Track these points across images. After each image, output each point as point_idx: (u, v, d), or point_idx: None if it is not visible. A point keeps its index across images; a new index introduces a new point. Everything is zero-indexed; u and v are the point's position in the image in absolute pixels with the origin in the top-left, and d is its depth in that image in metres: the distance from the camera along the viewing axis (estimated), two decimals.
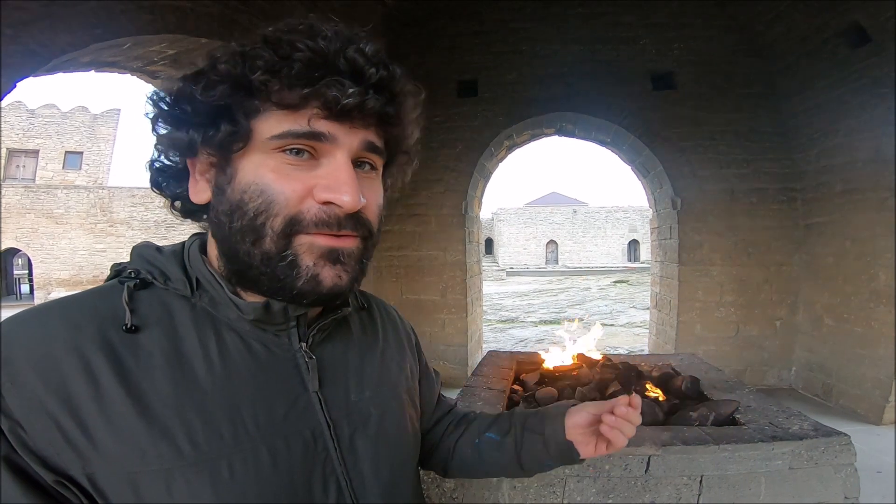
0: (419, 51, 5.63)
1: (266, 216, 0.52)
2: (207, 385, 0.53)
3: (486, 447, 0.84)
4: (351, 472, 0.60)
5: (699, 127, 5.40)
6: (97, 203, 17.22)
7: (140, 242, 0.62)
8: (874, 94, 4.13)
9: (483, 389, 2.59)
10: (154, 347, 0.52)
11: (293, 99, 0.52)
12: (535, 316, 11.81)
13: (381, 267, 5.83)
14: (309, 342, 0.61)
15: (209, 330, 0.56)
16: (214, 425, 0.52)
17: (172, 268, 0.58)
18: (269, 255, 0.53)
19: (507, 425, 0.85)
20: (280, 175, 0.53)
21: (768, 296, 5.38)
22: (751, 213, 5.35)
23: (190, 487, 0.49)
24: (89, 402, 0.48)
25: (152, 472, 0.48)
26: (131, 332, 0.52)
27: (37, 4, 2.42)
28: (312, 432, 0.58)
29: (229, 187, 0.55)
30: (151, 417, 0.49)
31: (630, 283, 20.11)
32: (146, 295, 0.56)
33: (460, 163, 5.72)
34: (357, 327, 0.72)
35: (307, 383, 0.60)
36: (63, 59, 2.63)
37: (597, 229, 31.70)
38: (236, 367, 0.56)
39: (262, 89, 0.51)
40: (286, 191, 0.52)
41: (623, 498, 1.83)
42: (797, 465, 1.83)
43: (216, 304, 0.57)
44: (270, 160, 0.53)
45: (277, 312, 0.57)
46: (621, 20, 5.50)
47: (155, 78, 3.69)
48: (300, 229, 0.53)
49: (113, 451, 0.48)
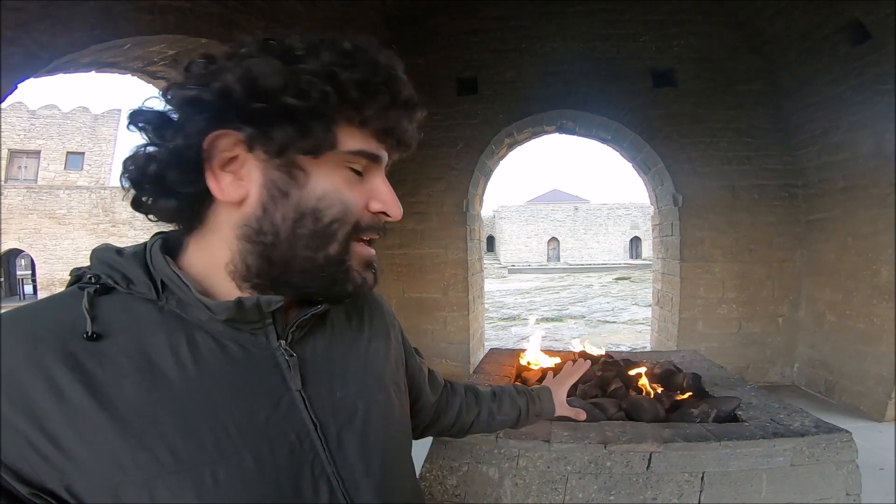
0: (418, 49, 5.63)
1: (340, 223, 0.57)
2: (181, 390, 0.51)
3: (498, 425, 1.09)
4: (341, 470, 0.59)
5: (700, 124, 5.39)
6: (99, 203, 17.27)
7: (99, 245, 0.59)
8: (875, 91, 4.12)
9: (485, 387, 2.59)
10: (120, 355, 0.50)
11: (366, 118, 0.56)
12: (537, 313, 11.80)
13: (383, 265, 5.81)
14: (288, 339, 0.59)
15: (179, 333, 0.53)
16: (194, 433, 0.50)
17: (135, 270, 0.55)
18: (330, 259, 0.57)
19: (517, 412, 1.10)
20: (350, 186, 0.58)
21: (770, 292, 5.38)
22: (752, 209, 5.34)
23: (173, 495, 0.48)
24: (58, 417, 0.46)
25: (133, 481, 0.47)
26: (94, 340, 0.49)
27: (37, 6, 2.42)
28: (298, 434, 0.56)
29: (298, 192, 0.54)
30: (125, 428, 0.47)
31: (632, 279, 20.11)
32: (108, 300, 0.53)
33: (461, 161, 5.72)
34: (341, 318, 0.70)
35: (289, 382, 0.58)
36: (63, 60, 2.63)
37: (598, 226, 31.68)
38: (211, 370, 0.53)
39: (351, 104, 0.54)
40: (356, 199, 0.58)
41: (625, 495, 1.83)
42: (799, 461, 1.84)
43: (185, 306, 0.54)
44: (342, 171, 0.57)
45: (250, 310, 0.55)
46: (621, 17, 5.50)
47: (155, 78, 3.69)
48: (358, 235, 0.59)
49: (89, 463, 0.46)
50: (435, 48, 5.69)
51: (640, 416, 2.19)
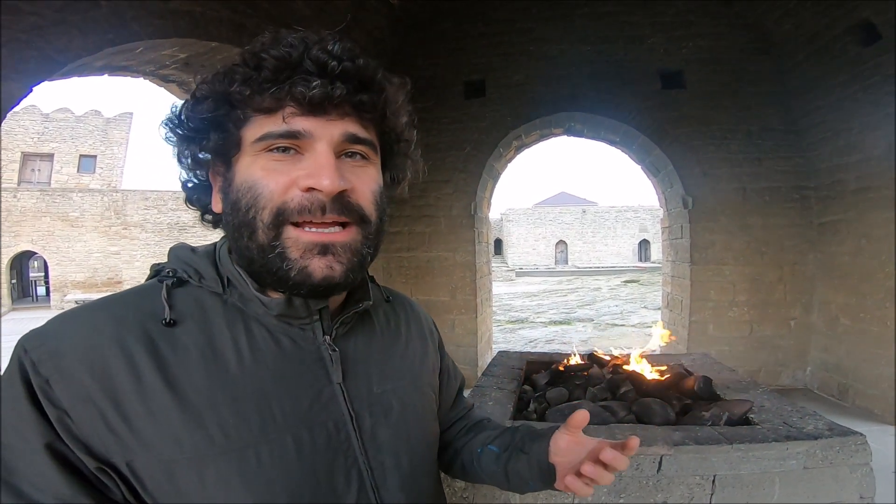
0: (426, 52, 5.65)
1: (255, 209, 0.56)
2: (238, 376, 0.56)
3: (486, 457, 0.84)
4: (372, 462, 0.62)
5: (709, 126, 5.35)
6: (111, 206, 17.46)
7: (177, 244, 0.67)
8: (886, 92, 4.06)
9: (494, 390, 2.59)
10: (189, 341, 0.56)
11: (268, 102, 0.56)
12: (544, 316, 11.77)
13: (391, 268, 5.85)
14: (333, 335, 0.64)
15: (239, 325, 0.59)
16: (243, 415, 0.54)
17: (206, 267, 0.62)
18: (262, 247, 0.57)
19: (509, 440, 0.83)
20: (267, 171, 0.57)
21: (782, 295, 5.32)
22: (763, 211, 5.29)
23: (220, 475, 0.52)
24: (131, 393, 0.51)
25: (186, 459, 0.51)
26: (170, 326, 0.56)
27: (51, 11, 2.45)
28: (335, 423, 0.60)
29: (229, 190, 0.60)
30: (187, 407, 0.52)
31: (641, 282, 19.98)
32: (182, 292, 0.60)
33: (469, 163, 5.72)
34: (381, 320, 0.74)
35: (331, 375, 0.62)
36: (77, 63, 2.66)
37: (607, 229, 31.52)
38: (264, 360, 0.59)
39: (240, 99, 0.57)
40: (271, 184, 0.56)
41: (635, 498, 1.82)
42: (812, 464, 1.81)
43: (245, 301, 0.61)
44: (259, 160, 0.57)
45: (299, 307, 0.61)
46: (629, 19, 5.48)
47: (167, 82, 3.74)
48: (286, 218, 0.56)
49: (152, 439, 0.51)
50: (443, 51, 5.70)
51: (650, 418, 2.18)
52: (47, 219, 16.86)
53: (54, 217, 16.94)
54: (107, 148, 20.35)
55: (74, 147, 19.92)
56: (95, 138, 20.21)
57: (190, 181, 0.65)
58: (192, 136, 0.61)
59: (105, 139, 20.34)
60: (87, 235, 17.14)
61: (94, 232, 17.22)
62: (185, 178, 0.65)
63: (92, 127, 20.20)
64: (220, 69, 0.59)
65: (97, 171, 20.05)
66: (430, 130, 5.54)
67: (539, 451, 0.76)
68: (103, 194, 17.73)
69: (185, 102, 0.61)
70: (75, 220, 17.09)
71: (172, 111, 0.62)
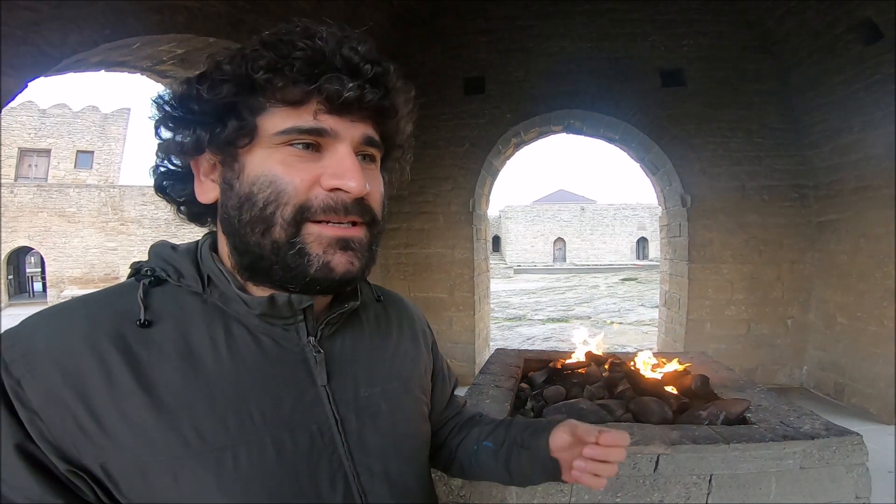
0: (426, 49, 5.62)
1: (276, 205, 0.55)
2: (215, 377, 0.54)
3: (483, 454, 0.84)
4: (359, 466, 0.61)
5: (709, 124, 5.35)
6: (108, 202, 17.41)
7: (157, 241, 0.64)
8: (887, 91, 4.06)
9: (491, 387, 2.59)
10: (165, 341, 0.54)
11: (296, 95, 0.54)
12: (542, 314, 11.78)
13: (389, 265, 5.84)
14: (318, 336, 0.62)
15: (219, 324, 0.58)
16: (220, 416, 0.53)
17: (185, 265, 0.60)
18: (278, 244, 0.55)
19: (504, 435, 0.83)
20: (288, 166, 0.55)
21: (780, 294, 5.33)
22: (762, 210, 5.29)
23: (195, 477, 0.51)
24: (104, 394, 0.50)
25: (161, 462, 0.50)
26: (145, 326, 0.54)
27: (47, 6, 2.43)
28: (319, 426, 0.59)
29: (238, 182, 0.57)
30: (161, 409, 0.51)
31: (639, 280, 20.00)
32: (160, 291, 0.58)
33: (468, 160, 5.71)
34: (370, 320, 0.72)
35: (315, 377, 0.61)
36: (73, 59, 2.64)
37: (605, 227, 31.53)
38: (244, 360, 0.57)
39: (265, 87, 0.54)
40: (295, 180, 0.55)
41: (632, 497, 1.82)
42: (808, 464, 1.82)
43: (226, 300, 0.59)
44: (277, 153, 0.55)
45: (282, 306, 0.58)
46: (629, 17, 5.46)
47: (164, 77, 3.71)
48: (309, 217, 0.55)
49: (125, 441, 0.49)
50: (442, 48, 5.68)
51: (647, 417, 2.18)
52: (44, 214, 16.81)
53: (51, 213, 16.88)
54: (104, 144, 20.25)
55: (71, 143, 19.83)
56: (92, 134, 20.11)
57: (162, 167, 0.62)
58: (199, 119, 0.56)
59: (102, 135, 20.24)
60: (84, 231, 17.09)
61: (91, 228, 17.17)
62: (158, 162, 0.61)
63: (89, 123, 20.09)
64: (237, 51, 0.56)
65: (94, 167, 19.96)
66: (429, 127, 5.53)
67: (540, 447, 0.77)
68: (100, 190, 17.66)
69: (189, 82, 0.57)
70: (72, 216, 17.03)
71: (173, 89, 0.58)
